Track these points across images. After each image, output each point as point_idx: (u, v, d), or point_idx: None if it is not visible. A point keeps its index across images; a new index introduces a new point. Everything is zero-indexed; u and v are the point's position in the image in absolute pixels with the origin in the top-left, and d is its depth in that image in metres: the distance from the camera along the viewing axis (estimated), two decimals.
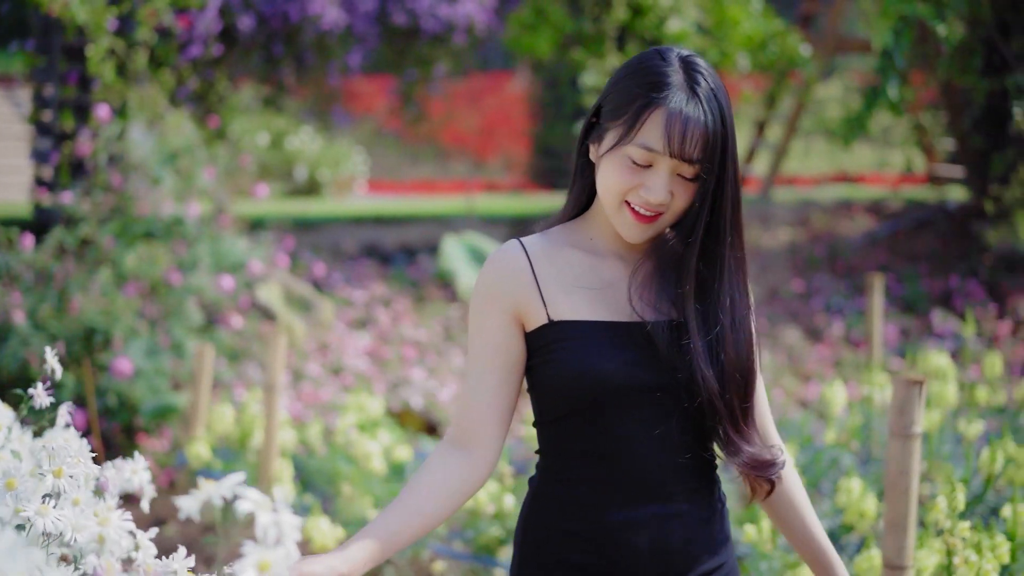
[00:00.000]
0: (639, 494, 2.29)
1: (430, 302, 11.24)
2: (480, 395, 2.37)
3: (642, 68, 2.29)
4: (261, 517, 1.44)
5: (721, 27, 12.42)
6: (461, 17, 11.59)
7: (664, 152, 2.22)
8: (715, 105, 2.24)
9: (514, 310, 2.35)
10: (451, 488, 2.33)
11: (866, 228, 13.70)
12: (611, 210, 2.31)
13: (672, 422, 2.30)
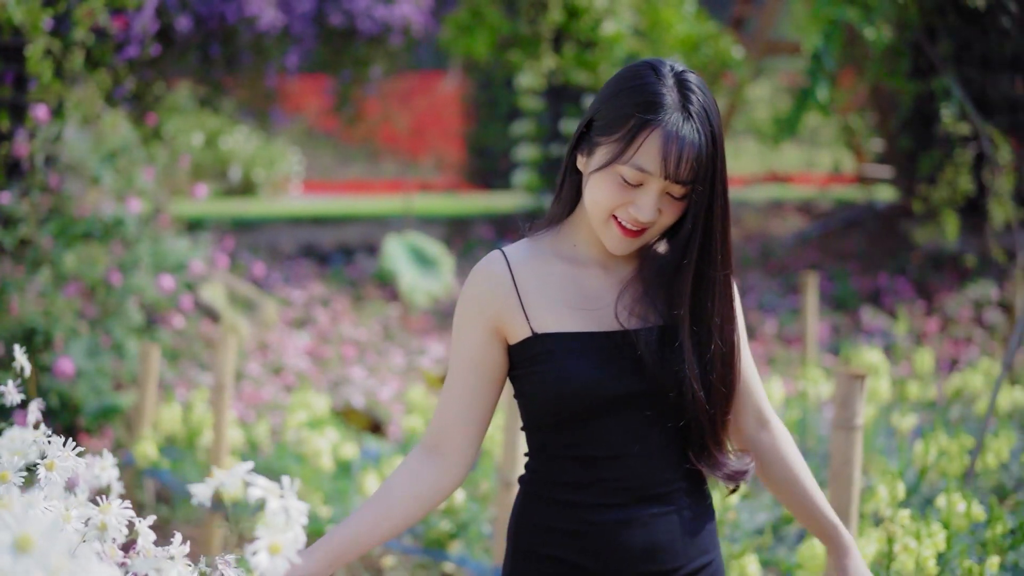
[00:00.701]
0: (629, 497, 2.33)
1: (369, 301, 11.29)
2: (455, 404, 2.39)
3: (637, 85, 2.27)
4: (271, 503, 1.53)
5: (655, 29, 12.58)
6: (397, 18, 11.65)
7: (659, 174, 2.23)
8: (707, 126, 2.24)
9: (496, 324, 2.37)
10: (420, 493, 2.37)
11: (797, 228, 13.94)
12: (598, 223, 2.31)
13: (659, 427, 2.33)
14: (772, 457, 2.48)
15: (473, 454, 2.43)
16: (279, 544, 1.50)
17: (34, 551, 1.28)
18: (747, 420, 2.49)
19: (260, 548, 1.49)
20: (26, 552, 1.27)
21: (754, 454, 2.49)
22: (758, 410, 2.50)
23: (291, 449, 5.98)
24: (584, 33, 12.30)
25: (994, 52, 12.22)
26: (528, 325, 2.34)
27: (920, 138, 12.57)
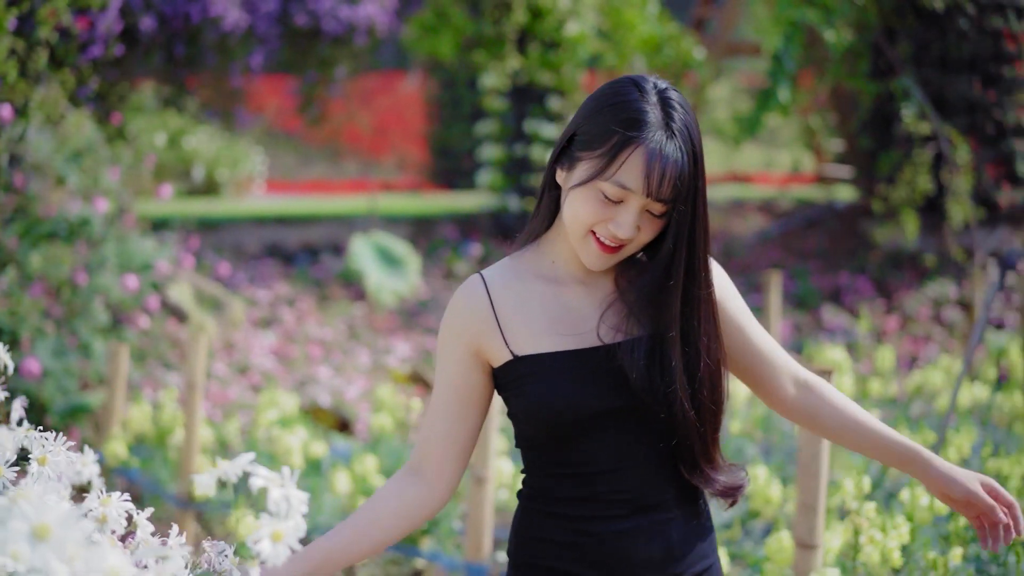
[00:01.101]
0: (625, 508, 2.33)
1: (334, 301, 11.32)
2: (438, 427, 2.40)
3: (620, 101, 2.26)
4: (273, 492, 1.58)
5: (618, 30, 12.67)
6: (362, 19, 11.68)
7: (641, 192, 2.22)
8: (689, 144, 2.25)
9: (476, 349, 2.37)
10: (401, 512, 2.39)
11: (758, 227, 14.06)
12: (576, 238, 2.30)
13: (650, 439, 2.33)
14: (827, 411, 2.46)
15: (455, 476, 2.43)
16: (281, 532, 1.55)
17: (51, 539, 1.33)
18: (787, 390, 2.47)
19: (262, 536, 1.54)
20: (44, 540, 1.32)
21: (809, 417, 2.48)
22: (793, 376, 2.48)
23: (261, 448, 6.01)
24: (548, 34, 12.38)
25: (952, 53, 12.38)
26: (508, 348, 2.34)
27: (880, 138, 12.72)
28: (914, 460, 2.39)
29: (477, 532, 4.70)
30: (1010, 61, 12.59)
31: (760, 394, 2.52)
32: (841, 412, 2.44)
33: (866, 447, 2.44)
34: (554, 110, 12.88)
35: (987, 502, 2.34)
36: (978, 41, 12.40)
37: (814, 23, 11.50)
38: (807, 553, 3.60)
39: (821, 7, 11.70)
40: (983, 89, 12.55)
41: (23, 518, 1.32)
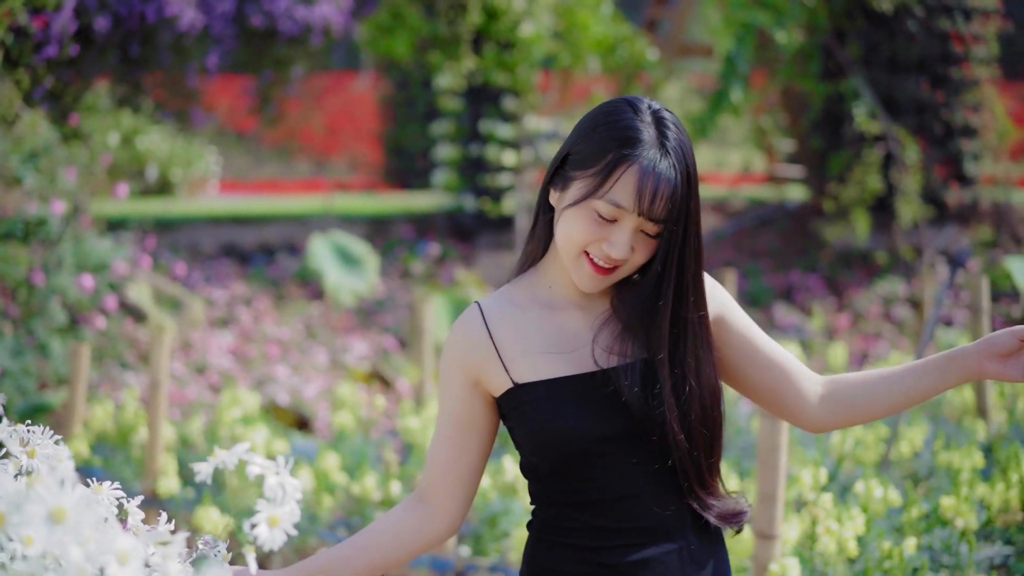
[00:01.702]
0: (637, 538, 2.30)
1: (291, 300, 11.35)
2: (440, 457, 2.40)
3: (614, 120, 2.26)
4: (269, 479, 1.65)
5: (572, 31, 12.77)
6: (318, 19, 11.70)
7: (633, 210, 2.21)
8: (683, 164, 2.24)
9: (475, 379, 2.36)
10: (401, 537, 2.38)
11: (710, 226, 14.21)
12: (569, 259, 2.28)
13: (650, 466, 2.30)
14: (857, 390, 2.38)
15: (458, 507, 2.42)
16: (277, 517, 1.62)
17: (67, 522, 1.39)
18: (810, 396, 2.41)
19: (260, 521, 1.61)
20: (60, 523, 1.39)
21: (845, 408, 2.39)
22: (810, 379, 2.42)
23: (225, 445, 6.05)
24: (503, 35, 12.47)
25: (901, 55, 12.57)
26: (508, 376, 2.32)
27: (830, 138, 12.89)
28: (952, 356, 2.29)
29: None
30: (957, 62, 12.80)
31: (786, 412, 2.44)
32: (867, 381, 2.37)
33: (912, 389, 2.33)
34: (509, 110, 12.97)
35: None
36: (926, 42, 12.60)
37: (765, 25, 11.65)
38: (766, 544, 3.70)
39: (772, 9, 11.86)
40: (931, 90, 12.76)
41: (40, 502, 1.38)
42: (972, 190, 12.90)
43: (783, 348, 2.44)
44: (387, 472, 5.43)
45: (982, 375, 2.24)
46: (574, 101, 15.64)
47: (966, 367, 2.26)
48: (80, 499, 1.39)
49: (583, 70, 12.97)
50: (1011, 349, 2.22)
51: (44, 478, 1.40)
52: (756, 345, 2.42)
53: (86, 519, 1.40)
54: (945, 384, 2.29)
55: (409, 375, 8.99)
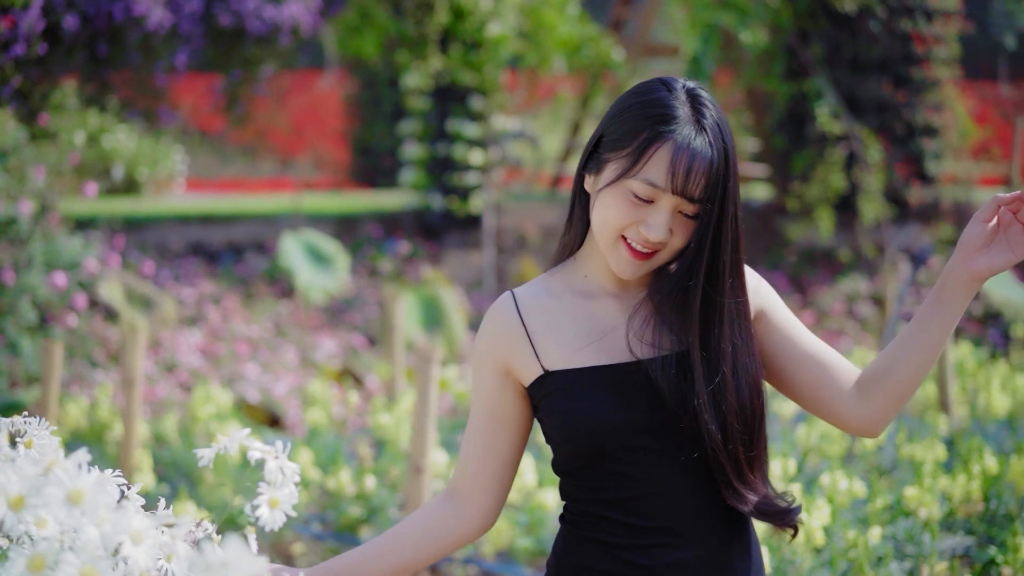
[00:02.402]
0: (667, 538, 2.22)
1: (260, 299, 11.39)
2: (473, 450, 2.34)
3: (648, 99, 2.19)
4: (269, 463, 1.73)
5: (539, 31, 12.86)
6: (286, 18, 11.74)
7: (667, 189, 2.12)
8: (720, 142, 2.14)
9: (507, 369, 2.29)
10: (432, 534, 2.33)
11: None
12: (606, 245, 2.20)
13: (682, 462, 2.21)
14: (880, 371, 2.23)
15: (491, 503, 2.35)
16: (277, 499, 1.70)
17: (85, 503, 1.47)
18: (849, 394, 2.26)
19: (262, 502, 1.69)
20: (78, 505, 1.46)
21: (875, 393, 2.22)
22: (853, 376, 2.28)
23: (199, 442, 6.12)
24: (470, 34, 12.54)
25: (863, 55, 12.73)
26: (539, 364, 2.25)
27: (794, 138, 13.04)
28: (943, 282, 2.16)
29: None
30: (919, 63, 12.98)
31: (829, 414, 2.29)
32: (886, 354, 2.22)
33: (929, 332, 2.17)
34: (476, 109, 13.05)
35: (989, 201, 2.12)
36: (888, 43, 12.77)
37: (730, 25, 11.77)
38: None
39: (737, 9, 11.99)
40: (893, 90, 12.94)
41: (59, 484, 1.46)
42: (934, 189, 13.09)
43: (828, 347, 2.30)
44: (361, 467, 5.51)
45: (976, 277, 2.11)
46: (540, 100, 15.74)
47: (958, 281, 2.13)
48: (96, 482, 1.47)
49: (549, 70, 13.06)
50: (985, 238, 2.11)
51: (62, 462, 1.48)
52: (797, 342, 2.29)
53: (102, 500, 1.47)
54: (954, 311, 2.14)
55: (380, 372, 9.05)
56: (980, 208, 2.12)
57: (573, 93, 15.76)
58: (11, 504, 1.46)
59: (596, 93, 15.08)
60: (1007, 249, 2.10)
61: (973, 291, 2.14)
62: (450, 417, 7.69)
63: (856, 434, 2.27)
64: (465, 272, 12.56)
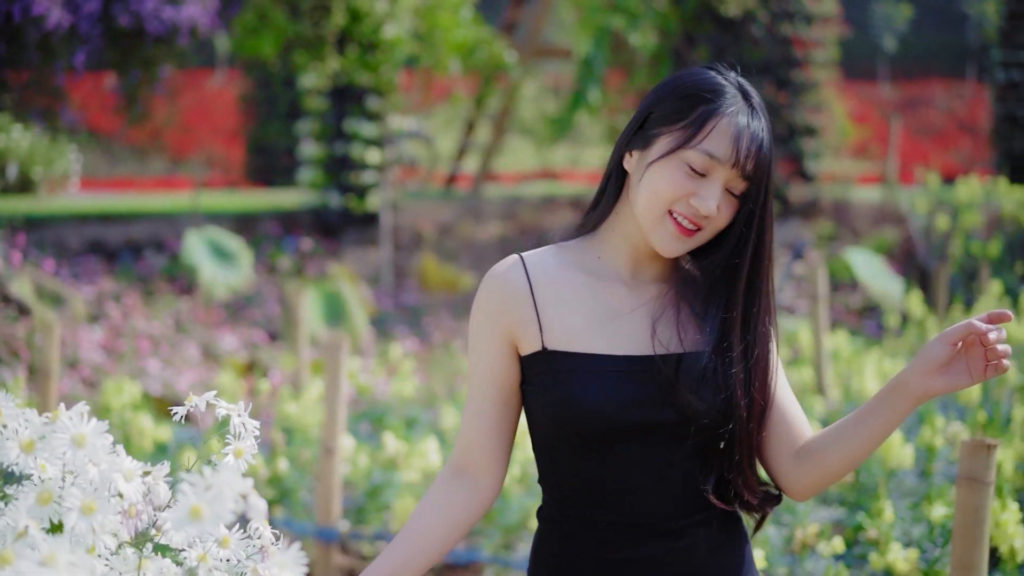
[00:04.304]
0: (643, 531, 2.18)
1: (160, 296, 11.53)
2: (478, 421, 2.26)
3: (700, 79, 2.20)
4: (233, 419, 2.02)
5: (434, 33, 13.14)
6: (185, 19, 11.88)
7: (727, 162, 2.11)
8: (765, 126, 2.17)
9: (509, 333, 2.21)
10: (453, 520, 2.25)
11: (569, 221, 14.67)
12: (652, 220, 2.15)
13: (672, 460, 2.17)
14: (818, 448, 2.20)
15: (501, 472, 2.30)
16: (241, 449, 1.99)
17: (87, 446, 1.75)
18: (787, 458, 2.24)
19: (228, 451, 1.98)
20: (81, 447, 1.74)
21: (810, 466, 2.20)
22: (802, 424, 2.26)
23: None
24: (366, 36, 12.79)
25: (747, 58, 13.23)
26: (540, 338, 2.19)
27: None
28: (894, 387, 2.11)
29: (327, 499, 5.12)
30: (799, 65, 13.51)
31: (771, 468, 2.26)
32: (827, 433, 2.19)
33: (869, 429, 2.15)
34: (373, 109, 13.31)
35: (960, 325, 2.06)
36: (771, 47, 13.28)
37: (620, 28, 12.17)
38: None
39: (626, 13, 12.40)
40: (776, 91, 13.45)
41: (64, 430, 1.74)
42: (813, 187, 13.63)
43: (796, 404, 2.27)
44: (274, 451, 5.75)
45: (929, 394, 2.08)
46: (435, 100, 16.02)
47: (911, 393, 2.09)
48: (94, 428, 1.75)
49: (444, 71, 13.36)
50: (946, 358, 2.06)
51: (64, 412, 1.76)
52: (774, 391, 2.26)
53: (100, 444, 1.75)
54: (898, 415, 2.11)
55: (285, 365, 9.27)
56: (948, 329, 2.05)
57: (467, 94, 16.08)
58: (23, 447, 1.74)
59: (489, 94, 15.42)
60: (965, 372, 2.06)
61: (920, 403, 2.10)
62: (352, 407, 7.94)
63: (784, 493, 2.24)
64: (363, 269, 12.81)
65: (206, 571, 1.83)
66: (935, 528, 4.32)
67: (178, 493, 1.60)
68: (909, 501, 4.69)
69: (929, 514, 4.28)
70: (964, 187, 14.25)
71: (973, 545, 2.98)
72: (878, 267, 11.98)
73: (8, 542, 1.60)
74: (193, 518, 1.56)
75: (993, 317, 2.04)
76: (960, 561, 2.99)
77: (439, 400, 7.77)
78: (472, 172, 17.14)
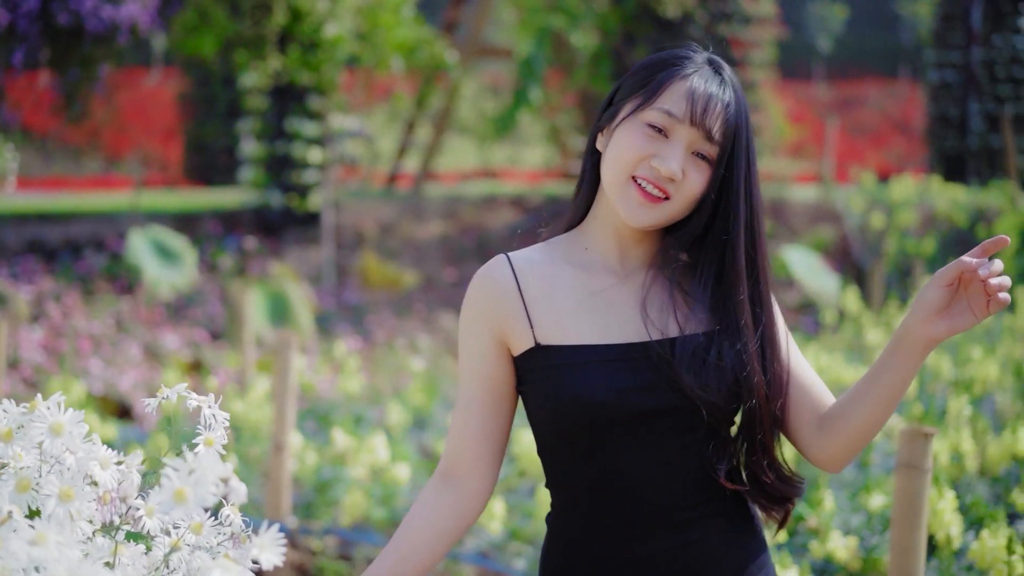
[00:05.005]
0: (651, 526, 2.13)
1: (100, 296, 11.49)
2: (469, 424, 2.22)
3: (667, 52, 2.18)
4: (204, 410, 2.08)
5: (375, 32, 13.18)
6: (124, 18, 11.84)
7: (684, 118, 2.08)
8: (738, 99, 2.12)
9: (499, 334, 2.18)
10: (441, 528, 2.21)
11: (510, 220, 14.79)
12: (617, 188, 2.11)
13: (680, 447, 2.12)
14: (840, 411, 2.14)
15: (492, 476, 2.24)
16: (211, 439, 2.05)
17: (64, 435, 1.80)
18: (810, 426, 2.17)
19: (200, 440, 2.04)
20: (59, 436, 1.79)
21: (834, 431, 2.14)
22: (825, 396, 2.20)
23: None
24: (308, 35, 12.80)
25: None
26: (531, 334, 2.15)
27: None
28: (900, 338, 2.04)
29: (276, 495, 5.16)
30: (737, 66, 13.68)
31: (798, 441, 2.19)
32: (848, 395, 2.12)
33: (885, 384, 2.07)
34: (314, 109, 13.33)
35: (952, 265, 1.98)
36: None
37: (561, 28, 12.28)
38: None
39: (567, 13, 12.51)
40: None
41: (42, 419, 1.79)
42: None
43: (813, 373, 2.22)
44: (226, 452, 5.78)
45: (935, 340, 2.01)
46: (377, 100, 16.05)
47: (915, 343, 2.02)
48: (71, 418, 1.80)
49: (386, 70, 13.40)
50: (943, 301, 1.99)
51: (41, 403, 1.81)
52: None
53: (76, 432, 1.81)
54: (910, 368, 2.04)
55: (230, 363, 9.28)
56: (940, 270, 1.98)
57: (408, 93, 16.13)
58: (2, 436, 1.79)
59: (430, 93, 15.48)
60: (967, 311, 1.98)
61: (929, 351, 2.03)
62: (298, 405, 7.97)
63: (816, 465, 2.18)
64: (304, 268, 12.82)
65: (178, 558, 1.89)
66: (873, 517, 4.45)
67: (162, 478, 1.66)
68: (848, 491, 4.81)
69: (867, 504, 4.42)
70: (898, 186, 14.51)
71: (912, 530, 3.09)
72: (815, 265, 12.17)
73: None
74: (178, 500, 1.62)
75: (987, 247, 1.95)
76: (899, 545, 3.09)
77: (384, 397, 7.83)
78: (413, 171, 17.20)
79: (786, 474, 2.18)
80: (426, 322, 11.53)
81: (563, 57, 13.51)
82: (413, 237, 13.98)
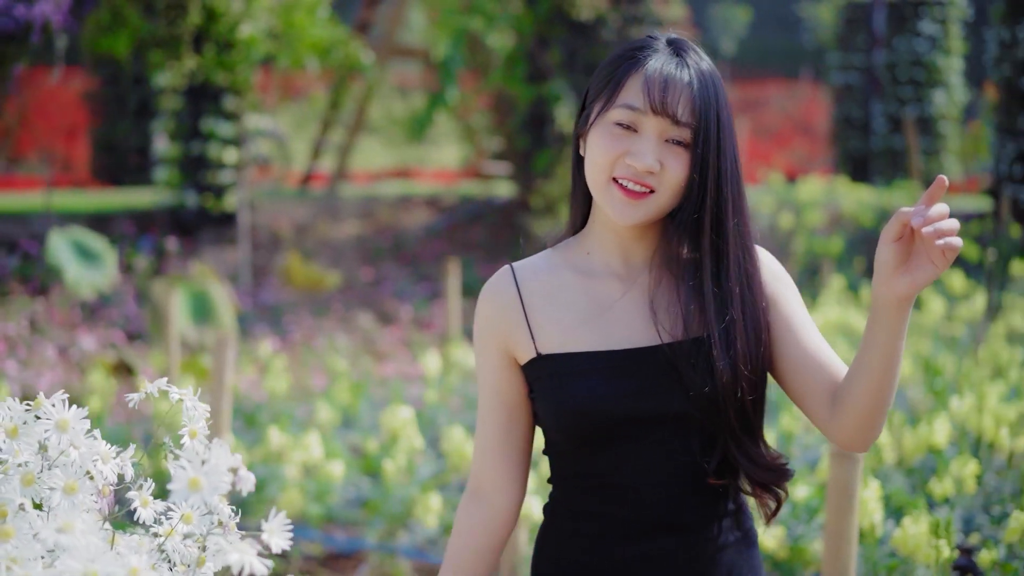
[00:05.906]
0: (649, 528, 2.15)
1: (13, 297, 11.38)
2: (490, 440, 2.24)
3: (628, 44, 2.19)
4: (186, 403, 2.17)
5: (290, 32, 13.18)
6: (37, 16, 11.74)
7: (646, 108, 2.07)
8: (702, 74, 2.10)
9: (506, 346, 2.21)
10: (477, 545, 2.25)
11: (425, 220, 14.88)
12: (600, 191, 2.12)
13: (682, 451, 2.13)
14: (845, 383, 2.09)
15: (519, 489, 2.27)
16: (195, 430, 2.14)
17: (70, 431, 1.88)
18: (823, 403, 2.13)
19: (185, 432, 2.13)
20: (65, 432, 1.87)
21: (843, 403, 2.09)
22: (831, 360, 2.17)
23: None
24: (223, 35, 12.77)
25: (599, 60, 13.55)
26: (533, 345, 2.18)
27: (535, 138, 13.78)
28: (874, 303, 1.99)
29: None
30: None
31: (815, 418, 2.16)
32: (852, 366, 2.07)
33: (877, 348, 2.01)
34: (229, 109, 13.31)
35: (892, 219, 1.93)
36: None
37: (477, 30, 12.39)
38: None
39: (482, 15, 12.63)
40: None
41: (48, 416, 1.87)
42: None
43: (832, 354, 2.17)
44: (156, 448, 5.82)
45: (904, 297, 1.94)
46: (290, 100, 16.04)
47: (888, 303, 1.96)
48: (75, 414, 1.89)
49: (301, 70, 13.41)
50: (899, 258, 1.93)
51: (45, 401, 1.89)
52: (800, 340, 2.16)
53: (80, 427, 1.89)
54: (895, 328, 1.98)
55: (154, 363, 9.26)
56: (884, 228, 1.93)
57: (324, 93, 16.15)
58: (8, 433, 1.87)
59: (346, 95, 15.51)
60: (927, 263, 1.91)
61: (907, 308, 1.96)
62: None
63: (843, 447, 2.14)
64: (221, 268, 12.79)
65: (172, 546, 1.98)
66: (798, 507, 4.63)
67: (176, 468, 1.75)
68: None
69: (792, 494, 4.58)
70: (805, 186, 14.82)
71: (844, 516, 3.25)
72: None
73: (10, 518, 1.73)
74: (193, 489, 1.72)
75: (932, 192, 1.88)
76: (833, 530, 3.25)
77: (311, 397, 7.88)
78: (327, 171, 17.22)
79: (773, 457, 2.18)
80: (344, 321, 11.58)
81: (478, 58, 13.62)
82: (329, 237, 14.02)
